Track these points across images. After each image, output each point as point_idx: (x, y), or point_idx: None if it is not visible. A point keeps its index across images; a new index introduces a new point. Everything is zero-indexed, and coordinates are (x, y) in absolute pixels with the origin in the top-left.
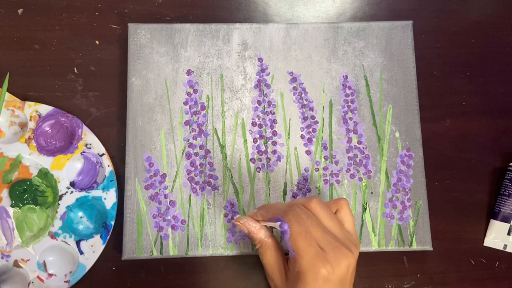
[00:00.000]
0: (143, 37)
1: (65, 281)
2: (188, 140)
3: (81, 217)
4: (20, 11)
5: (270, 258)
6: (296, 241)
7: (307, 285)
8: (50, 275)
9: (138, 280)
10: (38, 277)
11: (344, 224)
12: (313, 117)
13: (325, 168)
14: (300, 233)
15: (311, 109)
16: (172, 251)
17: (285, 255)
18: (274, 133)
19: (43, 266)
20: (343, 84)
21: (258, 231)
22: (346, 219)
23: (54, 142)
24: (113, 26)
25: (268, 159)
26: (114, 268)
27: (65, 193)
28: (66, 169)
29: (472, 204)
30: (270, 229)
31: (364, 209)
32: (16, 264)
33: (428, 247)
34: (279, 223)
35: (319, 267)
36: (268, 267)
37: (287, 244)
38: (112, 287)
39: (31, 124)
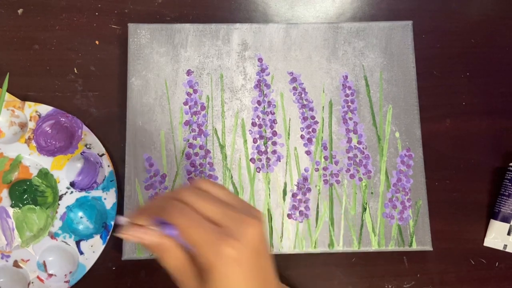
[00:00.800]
0: (143, 37)
1: (65, 281)
2: (188, 140)
3: (81, 217)
4: (20, 11)
5: (174, 261)
6: (187, 235)
7: (218, 273)
8: (50, 275)
9: (138, 280)
10: (38, 277)
11: None
12: (313, 117)
13: (325, 168)
14: (187, 224)
15: (311, 109)
16: None
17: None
18: (274, 133)
19: (43, 266)
20: (343, 84)
21: (149, 235)
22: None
23: (54, 142)
24: (113, 26)
25: (268, 159)
26: (114, 268)
27: (65, 193)
28: (66, 169)
29: (472, 204)
30: None
31: (364, 209)
32: (16, 264)
33: (428, 247)
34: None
35: (222, 247)
36: (176, 272)
37: (184, 243)
38: (112, 287)
39: (31, 124)
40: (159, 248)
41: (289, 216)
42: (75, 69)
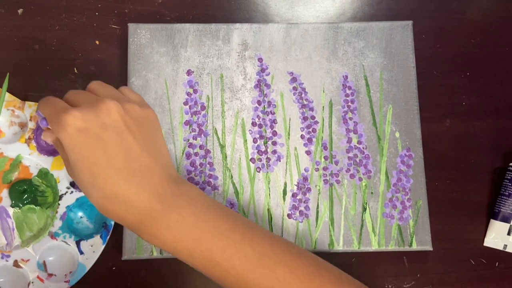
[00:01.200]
0: (143, 37)
1: (65, 281)
2: (188, 140)
3: (81, 217)
4: (20, 11)
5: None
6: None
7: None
8: (50, 275)
9: (138, 280)
10: (38, 277)
11: None
12: (313, 117)
13: (325, 168)
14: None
15: (311, 109)
16: None
17: None
18: (274, 133)
19: (43, 266)
20: (343, 84)
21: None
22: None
23: None
24: (113, 26)
25: (268, 159)
26: (114, 268)
27: (65, 193)
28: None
29: (472, 204)
30: None
31: (364, 209)
32: (16, 264)
33: (428, 247)
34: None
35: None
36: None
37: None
38: (112, 287)
39: (31, 124)
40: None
41: (289, 216)
42: (75, 69)
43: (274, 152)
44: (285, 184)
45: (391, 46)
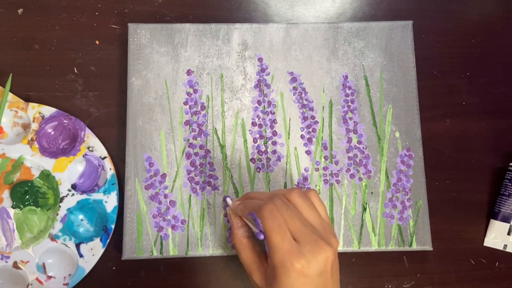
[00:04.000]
0: (143, 37)
1: (64, 284)
2: (188, 140)
3: (81, 220)
4: (20, 11)
5: (246, 257)
6: (269, 237)
7: (281, 281)
8: (49, 277)
9: (138, 280)
10: (37, 279)
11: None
12: (313, 117)
13: (325, 168)
14: (273, 228)
15: (311, 109)
16: (172, 251)
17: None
18: (274, 133)
19: (43, 268)
20: (343, 84)
21: (238, 229)
22: (320, 210)
23: (56, 144)
24: (113, 26)
25: (268, 159)
26: (114, 268)
27: (66, 196)
28: (68, 172)
29: (472, 204)
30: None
31: (364, 209)
32: (15, 265)
33: (428, 247)
34: (256, 231)
35: (292, 261)
36: (246, 265)
37: (263, 241)
38: (112, 287)
39: (34, 126)
40: (238, 243)
41: None
42: (75, 69)
43: (274, 152)
44: (285, 184)
45: (391, 46)
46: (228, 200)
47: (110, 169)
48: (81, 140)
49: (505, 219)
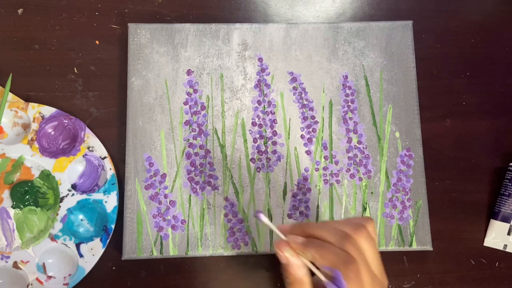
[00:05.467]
0: (143, 37)
1: (64, 284)
2: (188, 140)
3: (81, 220)
4: (20, 11)
5: None
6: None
7: None
8: (49, 277)
9: (138, 280)
10: (37, 279)
11: None
12: (313, 117)
13: (325, 168)
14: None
15: (311, 109)
16: (172, 251)
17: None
18: (274, 133)
19: (43, 268)
20: (343, 84)
21: (298, 268)
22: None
23: (56, 144)
24: (113, 26)
25: (268, 159)
26: (114, 268)
27: (66, 196)
28: (68, 172)
29: (472, 204)
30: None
31: (364, 209)
32: (15, 265)
33: (428, 247)
34: (326, 281)
35: None
36: None
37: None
38: (112, 287)
39: (34, 126)
40: (296, 282)
41: (289, 216)
42: (75, 69)
43: (274, 152)
44: (285, 184)
45: (391, 46)
46: (262, 217)
47: (110, 169)
48: (81, 140)
49: (505, 219)
